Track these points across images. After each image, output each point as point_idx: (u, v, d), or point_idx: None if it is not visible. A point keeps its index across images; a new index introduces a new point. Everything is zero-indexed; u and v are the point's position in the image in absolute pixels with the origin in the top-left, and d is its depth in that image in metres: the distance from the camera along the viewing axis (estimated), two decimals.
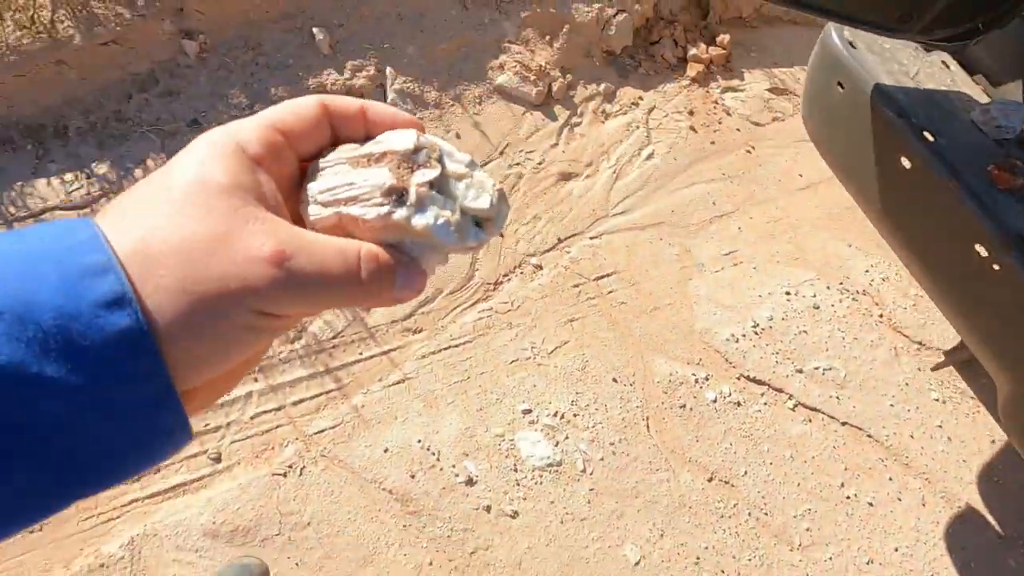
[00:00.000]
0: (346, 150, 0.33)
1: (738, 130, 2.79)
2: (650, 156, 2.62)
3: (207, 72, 2.20)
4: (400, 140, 0.32)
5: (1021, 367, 1.15)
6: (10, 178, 1.97)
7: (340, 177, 0.32)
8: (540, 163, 2.48)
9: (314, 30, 2.29)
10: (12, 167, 1.99)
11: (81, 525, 1.62)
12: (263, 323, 0.28)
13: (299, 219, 0.34)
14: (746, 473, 1.95)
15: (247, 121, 0.32)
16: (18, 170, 1.99)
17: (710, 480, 1.93)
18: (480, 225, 0.33)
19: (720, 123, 2.79)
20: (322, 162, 0.33)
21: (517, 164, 2.45)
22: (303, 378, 1.90)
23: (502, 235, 2.27)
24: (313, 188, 0.32)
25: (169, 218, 0.27)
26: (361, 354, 1.98)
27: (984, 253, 1.09)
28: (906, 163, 1.20)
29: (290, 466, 1.75)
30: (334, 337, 1.98)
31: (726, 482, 1.93)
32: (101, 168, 2.04)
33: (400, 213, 0.31)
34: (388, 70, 2.39)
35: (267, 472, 1.73)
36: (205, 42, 2.18)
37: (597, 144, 2.60)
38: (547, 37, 2.67)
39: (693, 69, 2.86)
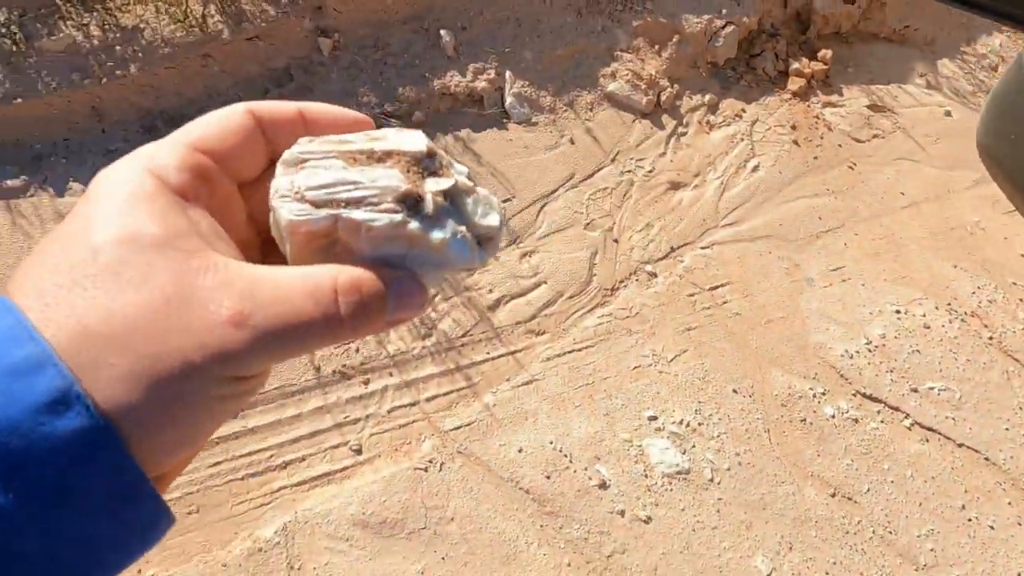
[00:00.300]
0: (331, 142, 0.29)
1: (840, 145, 2.79)
2: (755, 168, 2.62)
3: (339, 69, 2.23)
4: (410, 141, 0.29)
5: None
6: None
7: (335, 173, 0.27)
8: (650, 171, 2.49)
9: (442, 32, 2.32)
10: None
11: (234, 509, 1.65)
12: (235, 388, 0.25)
13: (248, 245, 0.30)
14: (868, 490, 1.95)
15: (161, 145, 0.27)
16: None
17: (833, 495, 1.93)
18: (481, 244, 0.30)
19: (822, 138, 2.79)
20: (301, 151, 0.28)
21: (628, 171, 2.46)
22: (435, 375, 1.93)
23: (497, 258, 2.13)
24: (299, 182, 0.27)
25: (106, 291, 0.23)
26: (488, 353, 2.00)
27: None
28: None
29: (430, 461, 1.78)
30: (463, 335, 2.00)
31: (849, 498, 1.93)
32: None
33: (416, 224, 0.27)
34: (507, 74, 2.41)
35: (409, 466, 1.76)
36: (339, 40, 2.21)
37: (703, 154, 2.60)
38: (656, 47, 2.68)
39: (795, 83, 2.86)
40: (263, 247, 0.32)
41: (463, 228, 0.28)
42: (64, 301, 0.22)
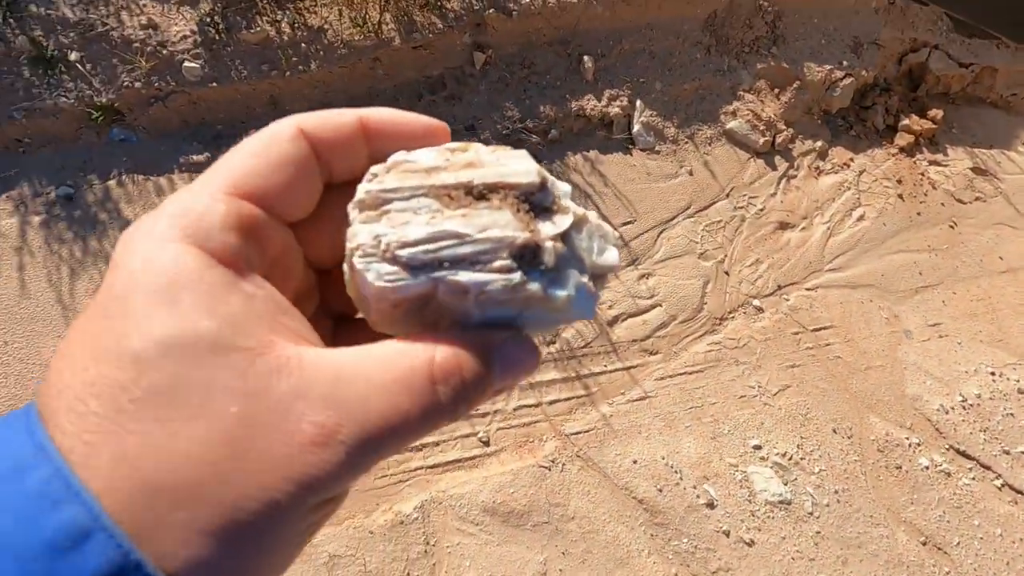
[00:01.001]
0: (416, 172, 0.23)
1: (942, 204, 2.83)
2: (861, 218, 2.68)
3: (487, 83, 2.36)
4: (517, 169, 0.23)
5: None
6: None
7: (432, 224, 0.22)
8: (761, 209, 2.57)
9: (584, 58, 2.43)
10: None
11: (376, 482, 1.77)
12: (326, 510, 0.22)
13: (306, 295, 0.26)
14: (958, 543, 2.00)
15: (198, 195, 0.22)
16: None
17: (924, 543, 1.98)
18: (595, 284, 0.25)
19: (926, 195, 2.83)
20: (381, 190, 0.23)
21: (741, 207, 2.55)
22: (557, 380, 2.03)
23: (616, 276, 2.13)
24: (388, 236, 0.22)
25: (161, 423, 0.18)
26: (606, 367, 2.10)
27: None
28: None
29: (552, 461, 1.88)
30: (584, 346, 2.10)
31: (939, 548, 1.99)
32: None
33: (536, 284, 0.22)
34: (638, 103, 2.51)
35: (533, 463, 1.87)
36: (491, 56, 2.34)
37: (811, 198, 2.67)
38: (776, 90, 2.76)
39: (903, 139, 2.91)
40: (322, 287, 0.27)
41: (585, 279, 0.24)
42: (109, 436, 0.18)
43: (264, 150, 0.23)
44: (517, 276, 0.22)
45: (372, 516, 1.71)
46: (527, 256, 0.22)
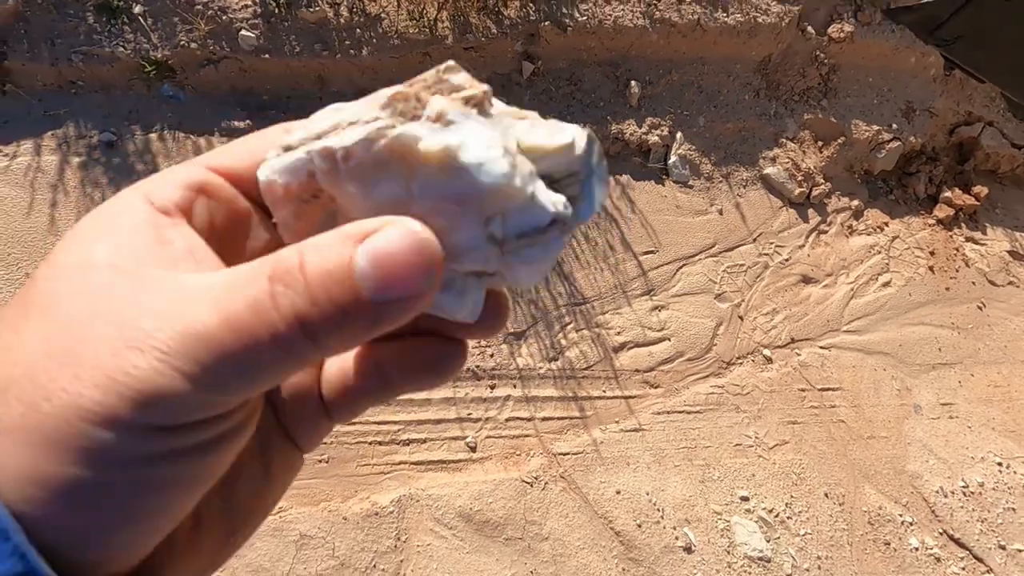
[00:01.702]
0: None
1: (973, 283, 2.75)
2: (887, 284, 2.62)
3: (532, 93, 2.36)
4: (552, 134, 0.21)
5: None
6: None
7: (328, 116, 0.21)
8: (786, 259, 2.52)
9: (632, 82, 2.42)
10: None
11: (359, 469, 1.77)
12: (176, 442, 0.18)
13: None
14: None
15: (180, 165, 0.23)
16: None
17: None
18: (567, 192, 0.21)
19: (957, 271, 2.76)
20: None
21: (766, 254, 2.50)
22: (553, 398, 2.01)
23: (599, 213, 2.10)
24: (293, 135, 0.21)
25: (13, 330, 0.18)
26: (604, 392, 2.07)
27: None
28: None
29: (536, 478, 1.86)
30: (586, 368, 2.08)
31: None
32: None
33: (405, 129, 0.19)
34: (679, 135, 2.49)
35: (517, 476, 1.84)
36: (540, 67, 2.34)
37: (839, 256, 2.61)
38: (820, 143, 2.71)
39: (942, 211, 2.84)
40: None
41: (495, 134, 0.19)
42: None
43: (248, 138, 0.23)
44: (381, 120, 0.19)
45: (349, 502, 1.70)
46: (406, 111, 0.19)
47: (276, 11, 2.02)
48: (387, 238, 0.18)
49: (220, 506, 0.23)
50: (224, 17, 1.98)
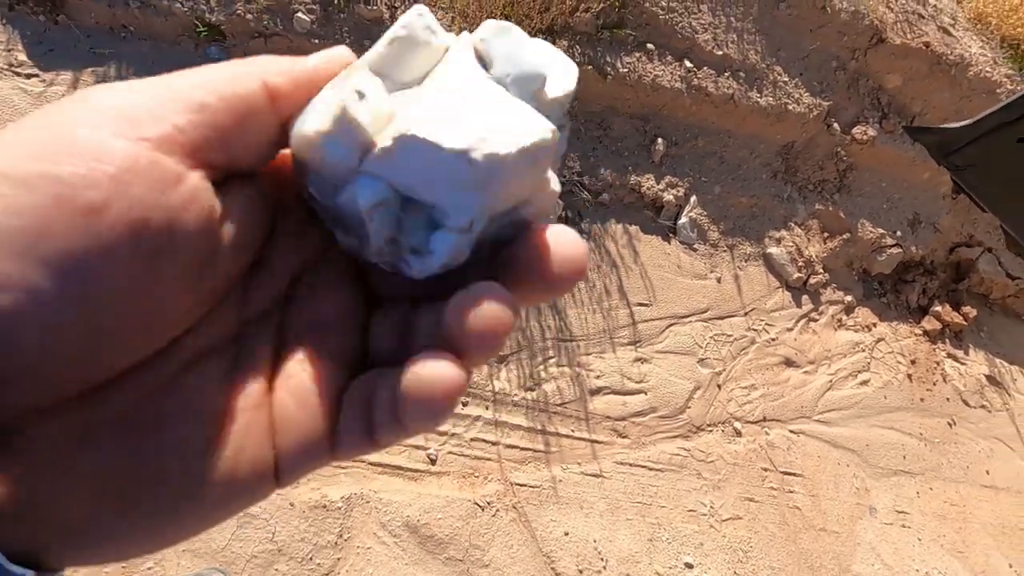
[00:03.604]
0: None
1: (948, 399, 2.78)
2: (865, 383, 2.64)
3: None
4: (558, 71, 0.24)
5: None
6: None
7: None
8: (773, 339, 2.55)
9: (658, 139, 2.48)
10: None
11: None
12: (186, 260, 0.20)
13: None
14: None
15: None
16: None
17: None
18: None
19: (934, 384, 2.79)
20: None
21: (754, 330, 2.53)
22: (522, 427, 2.00)
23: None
24: None
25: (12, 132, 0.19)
26: (572, 431, 2.06)
27: None
28: None
29: (489, 503, 1.84)
30: (559, 404, 2.07)
31: None
32: None
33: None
34: (693, 198, 2.53)
35: (470, 498, 1.82)
36: (573, 106, 2.39)
37: (824, 347, 2.64)
38: (825, 235, 2.76)
39: (930, 323, 2.88)
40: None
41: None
42: None
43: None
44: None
45: (299, 489, 1.68)
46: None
47: (335, 1, 2.07)
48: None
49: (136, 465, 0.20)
50: None
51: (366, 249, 0.23)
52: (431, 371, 0.20)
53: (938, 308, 2.90)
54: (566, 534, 1.87)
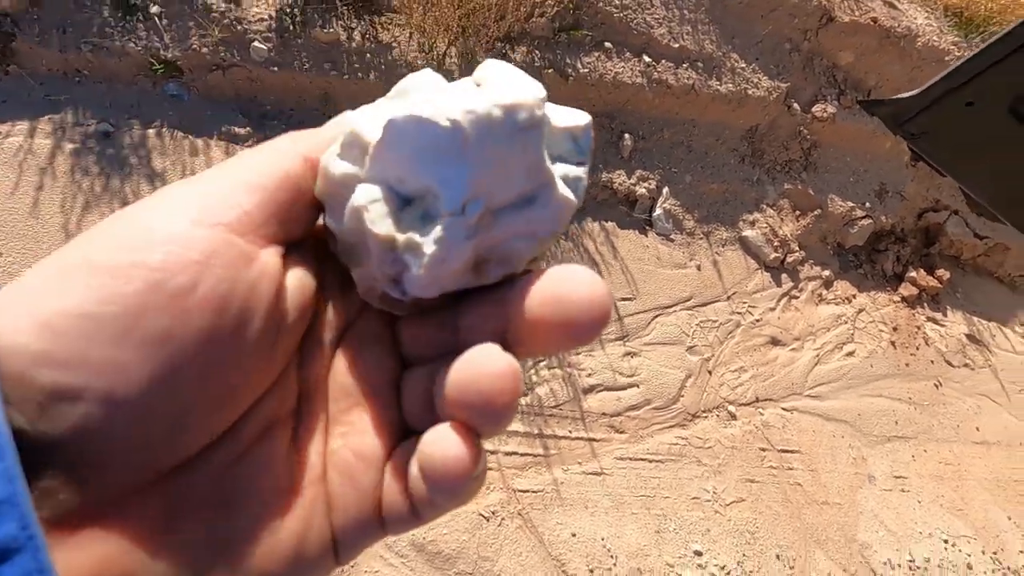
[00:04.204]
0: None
1: (932, 362, 2.83)
2: (850, 354, 2.68)
3: None
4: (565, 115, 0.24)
5: None
6: None
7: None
8: (757, 320, 2.58)
9: (625, 135, 2.50)
10: None
11: None
12: (275, 330, 0.21)
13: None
14: None
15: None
16: None
17: None
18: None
19: (917, 348, 2.84)
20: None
21: (738, 313, 2.55)
22: (519, 433, 2.00)
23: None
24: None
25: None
26: (570, 432, 2.06)
27: None
28: None
29: (493, 512, 1.82)
30: (554, 406, 2.07)
31: None
32: None
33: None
34: (665, 189, 2.56)
35: (474, 510, 1.81)
36: None
37: (808, 323, 2.68)
38: (797, 213, 2.81)
39: (907, 289, 2.94)
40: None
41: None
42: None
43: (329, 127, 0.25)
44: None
45: None
46: None
47: (291, 27, 2.06)
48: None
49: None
50: (239, 27, 2.01)
51: (372, 268, 0.23)
52: (439, 451, 0.20)
53: (913, 274, 2.96)
54: (573, 535, 1.86)
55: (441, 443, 0.20)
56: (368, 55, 2.15)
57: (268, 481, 0.21)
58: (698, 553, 1.96)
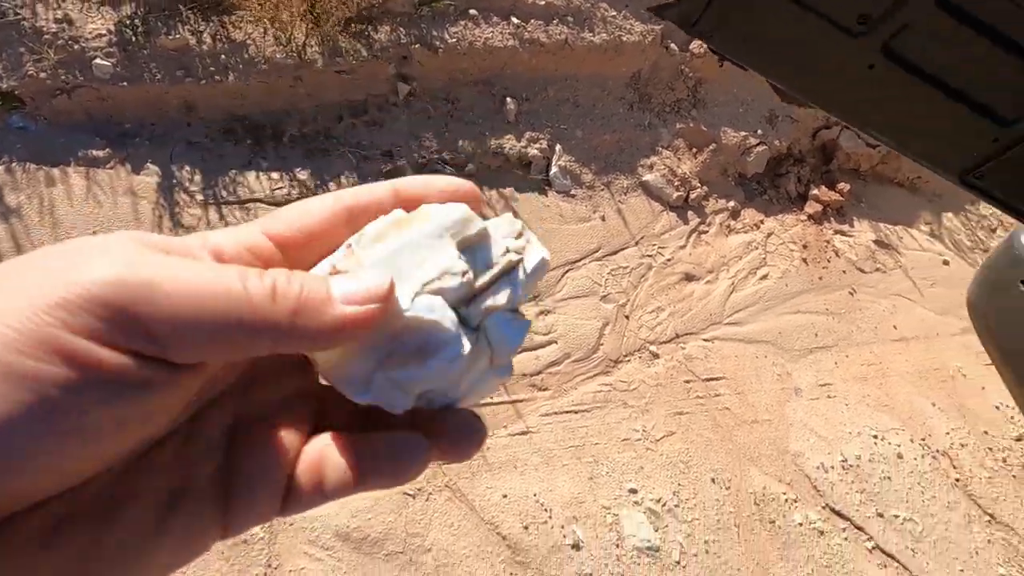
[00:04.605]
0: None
1: (844, 272, 2.93)
2: (764, 277, 2.75)
3: (409, 113, 2.39)
4: (532, 256, 0.30)
5: None
6: (227, 166, 2.13)
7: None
8: (669, 260, 2.62)
9: (507, 99, 2.50)
10: (230, 157, 2.16)
11: None
12: (129, 411, 0.21)
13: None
14: None
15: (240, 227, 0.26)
16: (234, 160, 2.15)
17: None
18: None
19: (829, 261, 2.93)
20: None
21: (649, 256, 2.59)
22: None
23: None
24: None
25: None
26: (491, 398, 2.06)
27: None
28: None
29: (418, 489, 1.81)
30: None
31: None
32: (303, 175, 2.20)
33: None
34: (557, 147, 2.57)
35: (398, 489, 1.79)
36: (415, 88, 2.38)
37: (719, 254, 2.74)
38: (694, 150, 2.86)
39: (812, 207, 3.03)
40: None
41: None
42: None
43: (302, 209, 0.27)
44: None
45: None
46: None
47: (133, 39, 1.99)
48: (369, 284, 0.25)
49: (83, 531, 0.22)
50: (76, 46, 1.93)
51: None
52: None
53: (816, 191, 3.05)
54: (504, 496, 1.86)
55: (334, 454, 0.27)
56: (223, 56, 2.09)
57: (155, 482, 0.24)
58: (633, 491, 1.99)
